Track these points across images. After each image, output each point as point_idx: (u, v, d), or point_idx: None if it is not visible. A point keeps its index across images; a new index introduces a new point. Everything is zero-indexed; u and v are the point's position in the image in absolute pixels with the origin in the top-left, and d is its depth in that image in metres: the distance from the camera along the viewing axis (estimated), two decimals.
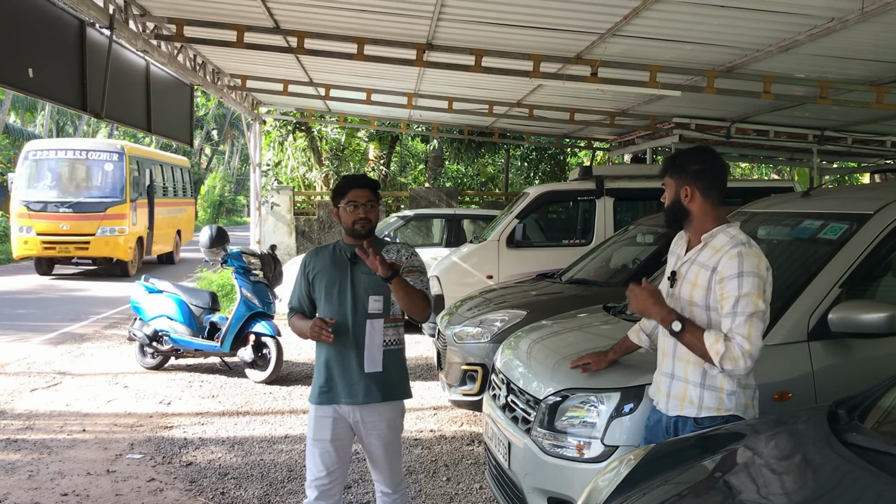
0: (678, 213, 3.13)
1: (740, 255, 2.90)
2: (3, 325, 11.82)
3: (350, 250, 3.59)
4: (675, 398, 3.07)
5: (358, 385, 3.55)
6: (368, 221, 3.59)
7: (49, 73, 6.93)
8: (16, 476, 5.45)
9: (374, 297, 3.55)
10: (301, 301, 3.74)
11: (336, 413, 3.60)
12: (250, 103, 14.27)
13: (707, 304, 2.99)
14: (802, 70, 7.54)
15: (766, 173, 27.12)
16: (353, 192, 3.58)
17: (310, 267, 3.71)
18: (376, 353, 3.56)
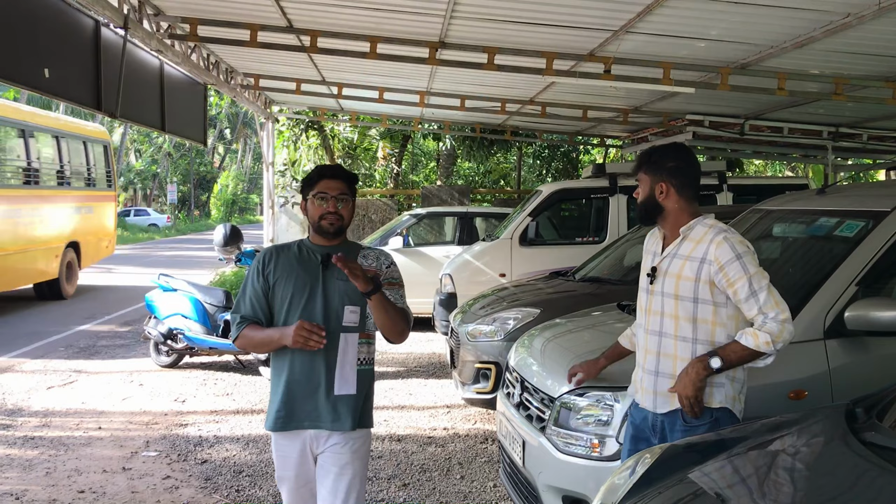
0: (652, 209, 3.14)
1: (727, 240, 2.94)
2: (21, 323, 11.91)
3: (321, 251, 3.09)
4: (664, 395, 3.04)
5: (324, 408, 3.02)
6: (339, 218, 3.07)
7: (64, 73, 6.98)
8: (33, 473, 5.49)
9: (351, 307, 3.05)
10: (255, 308, 3.09)
11: (299, 440, 3.08)
12: (263, 102, 14.31)
13: (695, 296, 2.98)
14: (817, 66, 7.50)
15: (779, 170, 26.97)
16: (324, 183, 3.07)
17: (270, 268, 3.11)
18: (349, 373, 3.05)
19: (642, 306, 3.19)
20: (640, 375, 3.16)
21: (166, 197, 54.02)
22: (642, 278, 3.21)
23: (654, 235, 3.27)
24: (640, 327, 3.21)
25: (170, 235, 42.12)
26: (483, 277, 9.30)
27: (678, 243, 3.08)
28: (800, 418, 2.72)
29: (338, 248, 3.10)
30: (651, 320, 3.12)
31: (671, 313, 3.05)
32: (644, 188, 3.14)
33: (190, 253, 27.60)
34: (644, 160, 3.16)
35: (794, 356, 3.53)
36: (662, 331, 3.07)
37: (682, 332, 3.02)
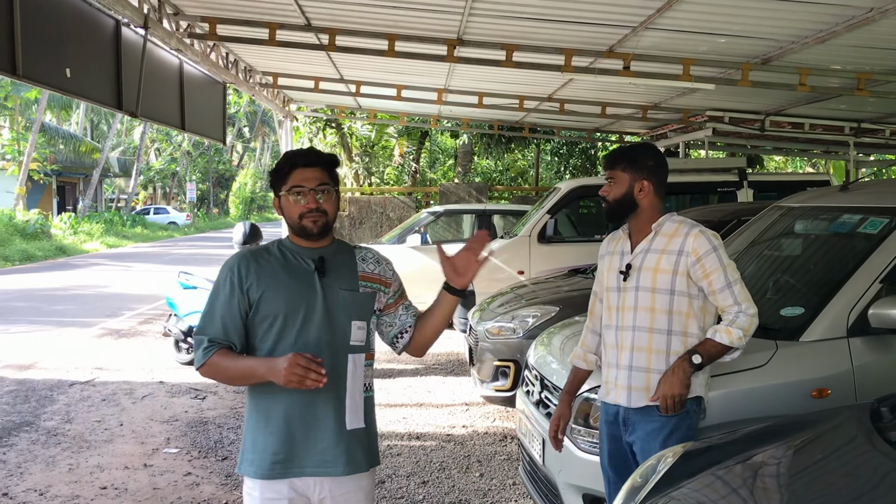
0: (627, 207, 3.13)
1: (703, 233, 3.02)
2: (42, 321, 12.04)
3: (311, 255, 2.54)
4: (639, 389, 3.05)
5: (337, 449, 2.48)
6: (322, 214, 2.49)
7: (85, 72, 7.04)
8: (56, 469, 5.55)
9: (359, 322, 2.55)
10: (228, 330, 2.49)
11: (293, 491, 2.49)
12: (281, 100, 14.36)
13: (672, 288, 3.02)
14: (839, 61, 7.42)
15: (800, 166, 26.73)
16: (298, 174, 2.49)
17: (251, 280, 2.49)
18: (359, 402, 2.54)
19: (613, 305, 3.17)
20: (614, 374, 3.14)
21: (185, 195, 54.40)
22: (611, 279, 3.19)
23: (613, 239, 3.29)
24: (610, 327, 3.18)
25: (189, 233, 42.43)
26: (501, 275, 9.29)
27: (651, 239, 3.10)
28: (824, 417, 2.70)
29: (328, 248, 2.58)
30: (624, 316, 3.11)
31: (646, 307, 3.05)
32: (621, 186, 3.11)
33: (209, 251, 27.76)
34: (622, 158, 3.14)
35: (816, 354, 3.50)
36: (636, 325, 3.07)
37: (658, 325, 3.04)
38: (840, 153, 13.75)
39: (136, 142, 47.82)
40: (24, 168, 30.21)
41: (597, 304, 3.36)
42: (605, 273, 3.24)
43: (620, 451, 3.15)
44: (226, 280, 2.53)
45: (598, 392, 3.28)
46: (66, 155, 37.88)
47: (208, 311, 2.53)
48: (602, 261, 3.31)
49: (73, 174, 40.95)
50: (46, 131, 34.97)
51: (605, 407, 3.22)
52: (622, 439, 3.14)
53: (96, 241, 30.30)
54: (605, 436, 3.23)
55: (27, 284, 17.04)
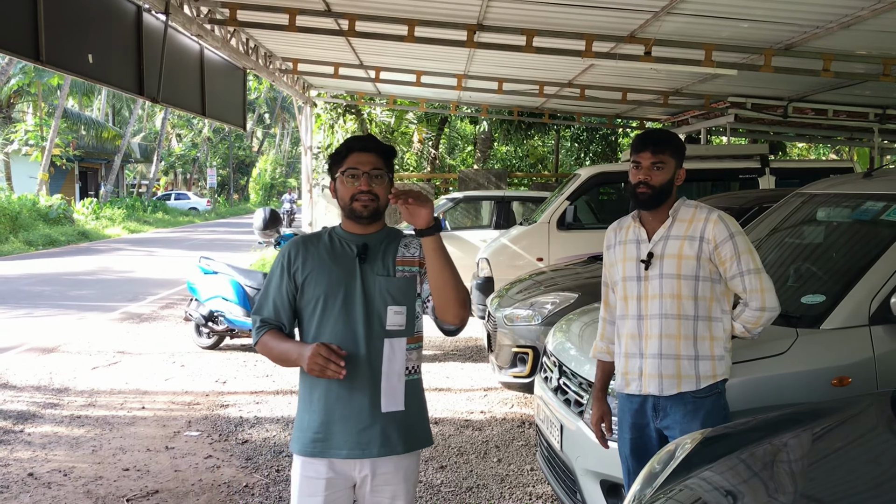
0: (666, 194, 3.07)
1: (722, 219, 3.00)
2: (65, 305, 12.19)
3: (355, 242, 2.60)
4: (671, 377, 3.02)
5: (371, 431, 2.54)
6: (373, 198, 2.54)
7: (107, 58, 7.09)
8: (80, 451, 5.63)
9: (396, 307, 2.57)
10: (279, 311, 2.63)
11: (332, 471, 2.57)
12: (301, 86, 14.39)
13: (697, 274, 3.00)
14: (864, 47, 7.33)
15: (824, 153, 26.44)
16: (354, 157, 2.55)
17: (298, 264, 2.60)
18: (397, 385, 2.57)
19: (631, 294, 3.11)
20: (637, 363, 3.09)
21: (206, 181, 54.73)
22: (628, 268, 3.13)
23: (620, 228, 3.24)
24: (628, 317, 3.13)
25: (209, 219, 42.71)
26: (520, 262, 9.28)
27: (669, 225, 3.06)
28: (844, 405, 2.68)
29: (376, 235, 2.63)
30: (648, 305, 3.06)
31: (673, 293, 3.02)
32: (668, 172, 3.04)
33: (229, 236, 27.94)
34: (670, 143, 3.07)
35: (838, 342, 3.48)
36: (663, 312, 3.03)
37: (685, 311, 3.01)
38: (864, 140, 13.59)
39: (158, 127, 48.13)
40: (47, 154, 30.49)
41: (610, 295, 3.31)
42: (620, 263, 3.17)
43: (644, 439, 3.12)
44: (278, 264, 2.65)
45: (615, 384, 3.23)
46: (88, 141, 38.21)
47: (263, 293, 2.67)
48: (612, 251, 3.24)
49: (95, 160, 41.30)
50: (69, 117, 35.27)
51: (628, 398, 3.17)
52: (648, 427, 3.11)
53: (118, 227, 30.56)
54: (626, 426, 3.19)
55: (50, 269, 17.23)
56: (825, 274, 4.14)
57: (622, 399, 3.23)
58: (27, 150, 32.94)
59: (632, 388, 3.13)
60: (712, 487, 2.31)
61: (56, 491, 4.89)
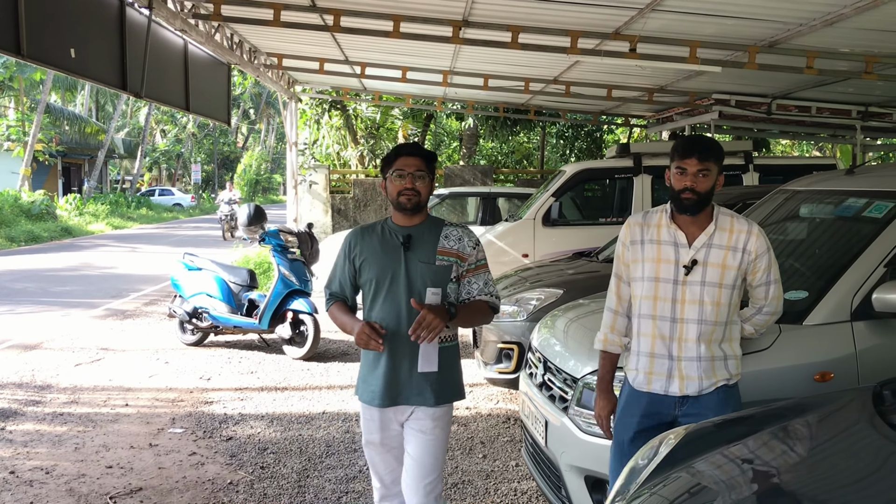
0: (709, 201, 3.10)
1: (762, 233, 3.13)
2: (48, 301, 12.10)
3: (402, 233, 3.20)
4: (709, 378, 3.08)
5: (408, 386, 3.18)
6: (416, 194, 3.15)
7: (90, 53, 7.02)
8: (63, 448, 5.59)
9: (433, 289, 3.14)
10: (343, 287, 3.33)
11: (383, 415, 3.26)
12: (286, 82, 14.33)
13: (734, 284, 3.10)
14: (847, 44, 7.37)
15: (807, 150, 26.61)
16: (402, 161, 3.16)
17: (356, 251, 3.26)
18: (431, 352, 3.17)
19: (666, 297, 3.10)
20: (667, 364, 3.10)
21: (190, 177, 54.42)
22: (664, 269, 3.11)
23: (647, 225, 3.20)
24: (657, 318, 3.12)
25: (194, 215, 42.50)
26: (506, 258, 9.29)
27: (711, 233, 3.08)
28: (827, 400, 2.70)
29: (420, 226, 3.23)
30: (686, 309, 3.08)
31: (713, 300, 3.06)
32: (712, 178, 3.05)
33: (214, 232, 27.80)
34: (715, 151, 3.08)
35: (820, 338, 3.51)
36: (703, 318, 3.06)
37: (720, 318, 3.09)
38: (847, 137, 13.67)
39: (142, 123, 47.83)
40: (30, 149, 30.23)
41: (622, 288, 3.27)
42: (651, 262, 3.14)
43: (654, 427, 3.10)
44: (342, 250, 3.33)
45: (634, 380, 3.20)
46: (71, 136, 37.91)
47: (332, 271, 3.37)
48: (638, 248, 3.19)
49: (78, 155, 40.98)
50: (51, 112, 34.97)
51: (649, 396, 3.15)
52: (661, 415, 3.12)
53: (101, 223, 30.35)
54: (634, 413, 3.18)
55: (33, 265, 17.10)
56: (808, 270, 4.17)
57: (634, 395, 3.21)
58: (9, 146, 32.66)
59: (655, 386, 3.14)
60: (696, 482, 2.33)
61: (38, 489, 4.85)
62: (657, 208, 3.25)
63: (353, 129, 20.01)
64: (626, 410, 3.23)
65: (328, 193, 16.65)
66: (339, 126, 19.89)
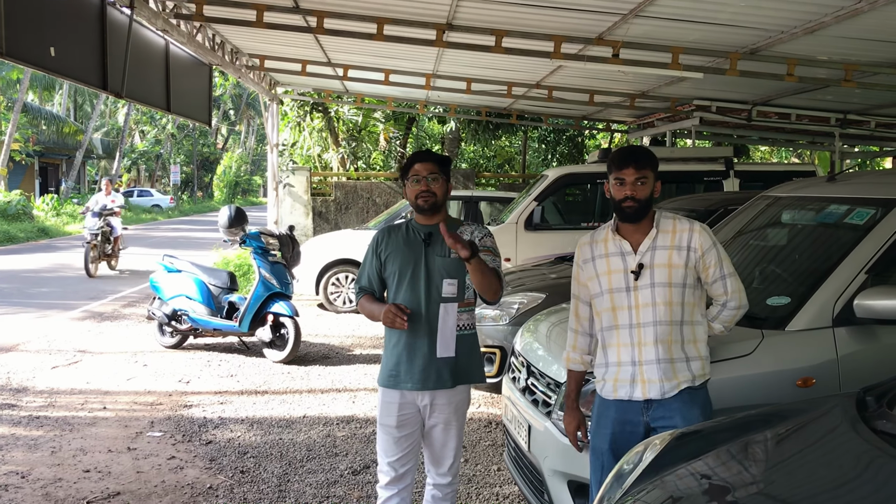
0: (649, 207, 3.20)
1: (704, 229, 3.20)
2: (24, 303, 11.95)
3: (424, 231, 3.48)
4: (670, 380, 3.11)
5: (428, 370, 3.42)
6: (432, 195, 3.41)
7: (70, 52, 6.95)
8: (39, 452, 5.51)
9: (449, 280, 3.41)
10: (371, 281, 3.58)
11: (403, 398, 3.48)
12: (268, 83, 14.27)
13: (685, 282, 3.16)
14: (827, 52, 7.44)
15: (786, 156, 26.86)
16: (417, 166, 3.43)
17: (382, 246, 3.55)
18: (449, 338, 3.43)
19: (621, 305, 3.18)
20: (631, 371, 3.15)
21: (169, 178, 54.03)
22: (615, 280, 3.19)
23: (595, 241, 3.31)
24: (618, 328, 3.19)
25: (173, 216, 42.16)
26: None
27: (654, 236, 3.17)
28: (810, 406, 2.71)
29: (438, 225, 3.34)
30: (641, 314, 3.15)
31: (665, 301, 3.13)
32: (649, 186, 3.16)
33: (193, 234, 27.62)
34: (650, 159, 3.19)
35: (802, 344, 3.53)
36: (657, 320, 3.13)
37: (675, 317, 3.14)
38: (825, 144, 13.84)
39: (120, 123, 47.42)
40: (6, 148, 29.88)
41: (581, 307, 3.38)
42: (604, 275, 3.22)
43: (627, 434, 3.14)
44: (370, 247, 3.60)
45: (602, 390, 3.25)
46: (48, 136, 37.52)
47: (361, 267, 3.64)
48: (590, 265, 3.28)
49: (55, 155, 40.57)
50: (29, 111, 34.59)
51: (616, 404, 3.19)
52: (632, 422, 3.16)
53: (79, 223, 30.00)
54: (607, 422, 3.21)
55: (8, 266, 16.89)
56: (790, 276, 4.20)
57: (604, 404, 3.25)
58: None
59: (620, 393, 3.18)
60: (681, 488, 2.33)
61: (13, 493, 4.78)
62: (604, 225, 3.35)
63: (334, 132, 19.93)
64: (599, 421, 3.28)
65: (309, 196, 16.58)
66: (320, 128, 19.81)
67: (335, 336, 9.37)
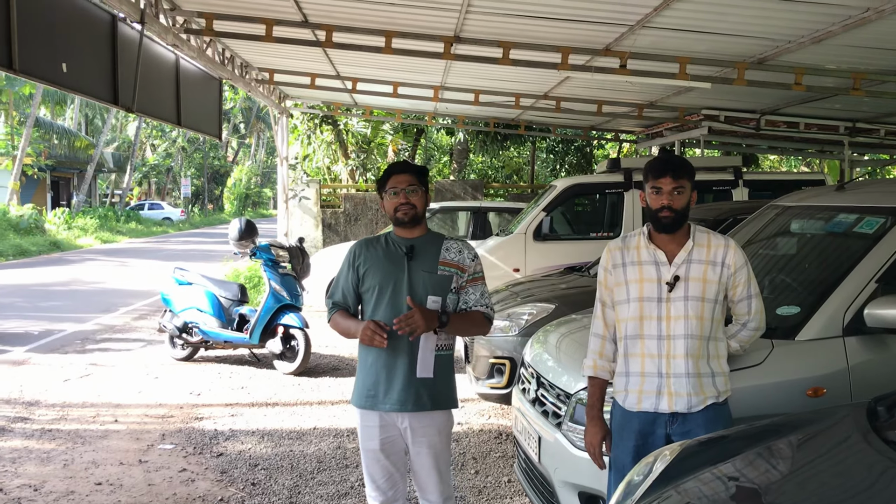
0: (686, 217, 3.15)
1: (738, 247, 3.20)
2: (37, 316, 12.01)
3: (405, 244, 3.33)
4: (698, 394, 3.09)
5: (407, 391, 3.27)
6: (412, 207, 3.29)
7: (82, 67, 7.03)
8: (51, 465, 5.54)
9: (433, 297, 3.27)
10: (346, 295, 3.41)
11: (382, 420, 3.34)
12: (277, 97, 14.35)
13: (716, 298, 3.14)
14: (835, 61, 7.44)
15: (795, 165, 26.79)
16: (394, 179, 3.31)
17: (360, 260, 3.38)
18: (429, 358, 3.28)
19: (651, 315, 3.13)
20: (656, 382, 3.12)
21: (180, 191, 54.29)
22: (647, 289, 3.14)
23: (627, 248, 3.24)
24: (644, 337, 3.15)
25: (183, 229, 42.35)
26: (497, 272, 9.27)
27: (690, 249, 3.14)
28: (820, 416, 2.71)
29: (421, 238, 3.37)
30: (673, 325, 3.10)
31: (697, 315, 3.09)
32: (686, 196, 3.12)
33: (204, 247, 27.73)
34: (688, 168, 3.14)
35: (812, 353, 3.52)
36: (688, 333, 3.09)
37: (704, 332, 3.12)
38: (835, 153, 13.79)
39: (131, 137, 47.70)
40: (18, 163, 30.11)
41: (608, 313, 3.29)
42: (635, 283, 3.17)
43: (650, 446, 3.09)
44: (346, 260, 3.43)
45: (624, 401, 3.20)
46: (60, 150, 37.81)
47: (335, 281, 3.47)
48: (620, 270, 3.22)
49: (67, 169, 40.84)
50: (41, 126, 34.84)
51: (640, 416, 3.15)
52: (655, 434, 3.13)
53: (90, 237, 30.20)
54: (630, 434, 3.17)
55: (21, 280, 16.99)
56: (800, 285, 4.19)
57: (625, 415, 3.21)
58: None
59: (645, 405, 3.14)
60: (691, 499, 2.32)
61: None
62: (635, 231, 3.30)
63: (343, 144, 20.01)
64: (621, 433, 3.22)
65: (319, 208, 16.63)
66: (329, 141, 19.89)
67: (345, 347, 9.38)
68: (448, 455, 3.44)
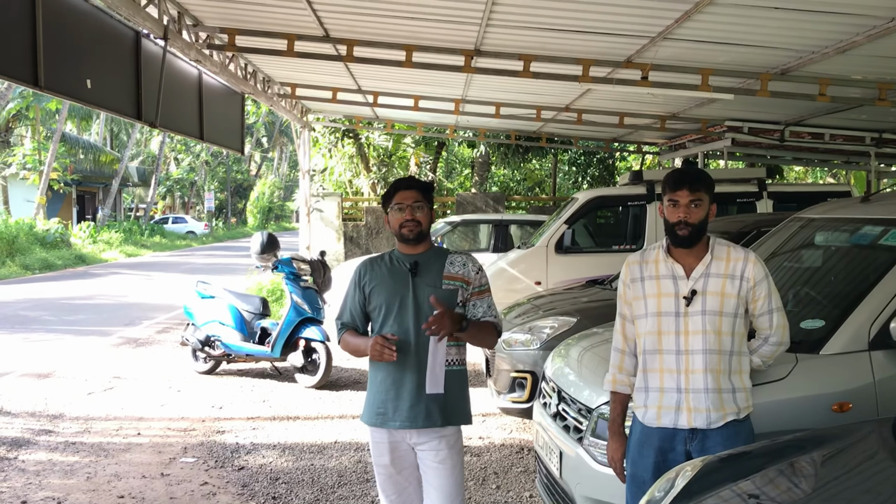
0: (704, 231, 3.11)
1: (758, 260, 3.13)
2: (61, 330, 12.14)
3: (408, 260, 3.32)
4: (717, 410, 3.04)
5: (417, 408, 3.25)
6: (417, 224, 3.28)
7: (106, 83, 7.11)
8: (75, 478, 5.57)
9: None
10: (354, 316, 3.42)
11: (392, 437, 3.33)
12: (299, 111, 14.44)
13: (736, 312, 3.09)
14: (860, 72, 7.36)
15: (820, 177, 26.54)
16: (400, 195, 3.30)
17: (365, 279, 3.39)
18: (438, 374, 3.26)
19: (670, 330, 3.10)
20: (675, 398, 3.08)
21: (203, 205, 54.74)
22: (665, 303, 3.11)
23: (646, 262, 3.21)
24: (662, 352, 3.12)
25: (207, 243, 42.67)
26: (518, 285, 9.26)
27: (708, 262, 3.09)
28: (845, 431, 2.66)
29: (425, 254, 3.35)
30: (691, 340, 3.07)
31: (715, 329, 3.05)
32: (704, 209, 3.08)
33: (227, 260, 27.91)
34: (705, 180, 3.10)
35: (837, 367, 3.47)
36: (707, 348, 3.05)
37: (724, 347, 3.07)
38: (861, 164, 13.63)
39: (155, 151, 48.20)
40: (45, 177, 30.51)
41: (628, 327, 3.27)
42: (653, 297, 3.15)
43: (670, 462, 3.06)
44: (352, 280, 3.45)
45: (644, 417, 3.17)
46: (85, 164, 38.26)
47: (343, 301, 3.47)
48: (638, 285, 3.20)
49: (92, 183, 41.34)
50: (67, 141, 35.31)
51: (660, 431, 3.12)
52: (675, 451, 3.09)
53: (115, 250, 30.51)
54: (650, 450, 3.14)
55: (46, 293, 17.18)
56: (824, 299, 4.14)
57: (645, 430, 3.17)
58: (25, 174, 32.99)
59: (664, 421, 3.10)
60: None
61: None
62: (654, 245, 3.26)
63: (365, 157, 20.11)
64: (641, 449, 3.18)
65: (340, 221, 16.70)
66: (351, 154, 19.99)
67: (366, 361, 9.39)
68: (461, 471, 3.38)
